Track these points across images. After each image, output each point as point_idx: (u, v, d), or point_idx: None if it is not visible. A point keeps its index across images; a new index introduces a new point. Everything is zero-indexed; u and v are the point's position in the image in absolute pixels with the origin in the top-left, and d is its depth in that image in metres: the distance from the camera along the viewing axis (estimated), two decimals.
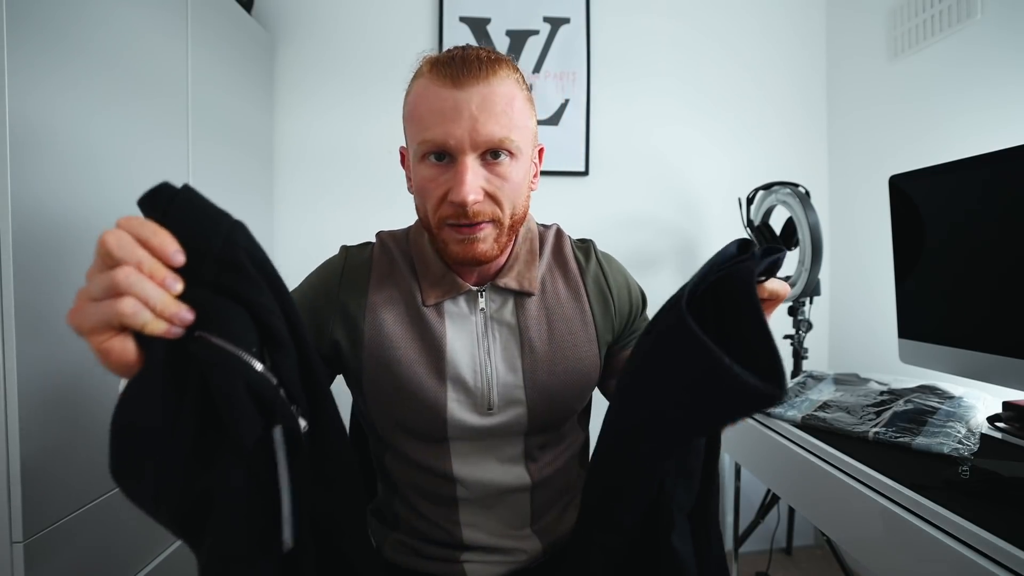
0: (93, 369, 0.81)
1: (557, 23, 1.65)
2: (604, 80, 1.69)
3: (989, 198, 0.86)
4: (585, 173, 1.69)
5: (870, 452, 0.79)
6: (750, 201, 1.48)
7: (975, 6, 1.23)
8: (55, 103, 0.77)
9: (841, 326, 1.75)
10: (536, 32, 1.65)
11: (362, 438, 0.82)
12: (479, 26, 1.63)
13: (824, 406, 0.98)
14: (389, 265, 0.69)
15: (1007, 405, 0.87)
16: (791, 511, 1.71)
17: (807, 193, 1.34)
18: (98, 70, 0.85)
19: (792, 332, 1.42)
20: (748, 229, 1.48)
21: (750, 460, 1.10)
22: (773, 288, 0.54)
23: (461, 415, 0.65)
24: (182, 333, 0.37)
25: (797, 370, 1.43)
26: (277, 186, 1.60)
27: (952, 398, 0.95)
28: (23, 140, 0.71)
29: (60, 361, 0.77)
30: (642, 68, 1.71)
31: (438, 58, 0.60)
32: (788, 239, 1.38)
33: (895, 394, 1.00)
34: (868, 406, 0.95)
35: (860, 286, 1.65)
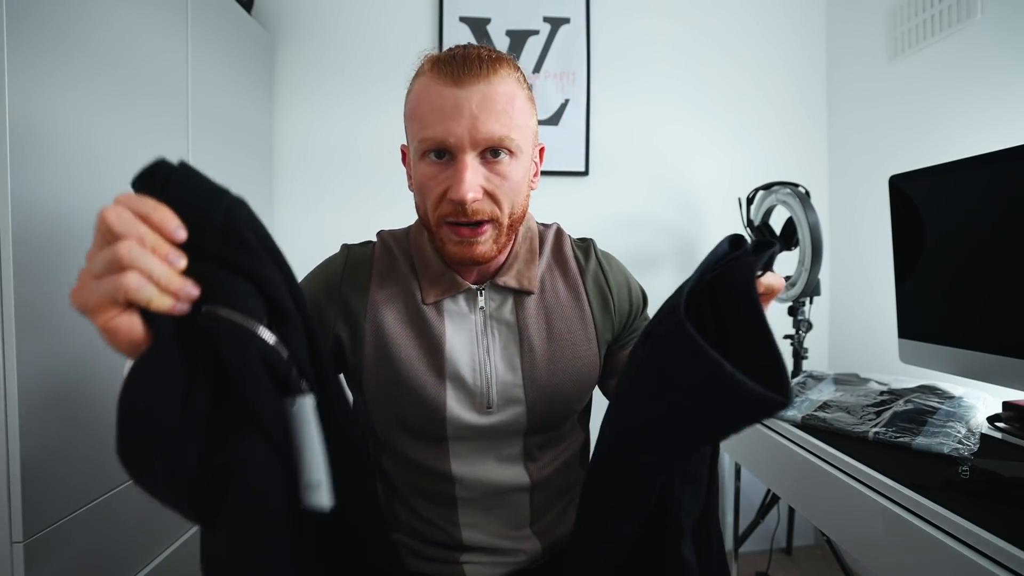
0: (93, 368, 0.82)
1: (557, 23, 1.65)
2: (604, 80, 1.69)
3: (989, 198, 0.86)
4: (585, 173, 1.69)
5: (870, 452, 0.79)
6: (750, 201, 1.48)
7: (975, 6, 1.23)
8: (55, 103, 0.77)
9: (841, 326, 1.74)
10: (536, 32, 1.65)
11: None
12: (479, 26, 1.63)
13: (824, 406, 0.98)
14: (390, 263, 0.69)
15: (1007, 405, 0.87)
16: (791, 511, 1.71)
17: (807, 193, 1.34)
18: (98, 70, 0.85)
19: (792, 332, 1.42)
20: (748, 229, 1.49)
21: (750, 460, 1.10)
22: (768, 283, 0.54)
23: (460, 413, 0.65)
24: (188, 309, 0.36)
25: (797, 370, 1.43)
26: (277, 186, 1.60)
27: (952, 398, 0.95)
28: (23, 140, 0.71)
29: (60, 360, 0.77)
30: (642, 68, 1.71)
31: (440, 56, 0.61)
32: (788, 239, 1.38)
33: (895, 394, 1.00)
34: (868, 406, 0.95)
35: (860, 286, 1.65)
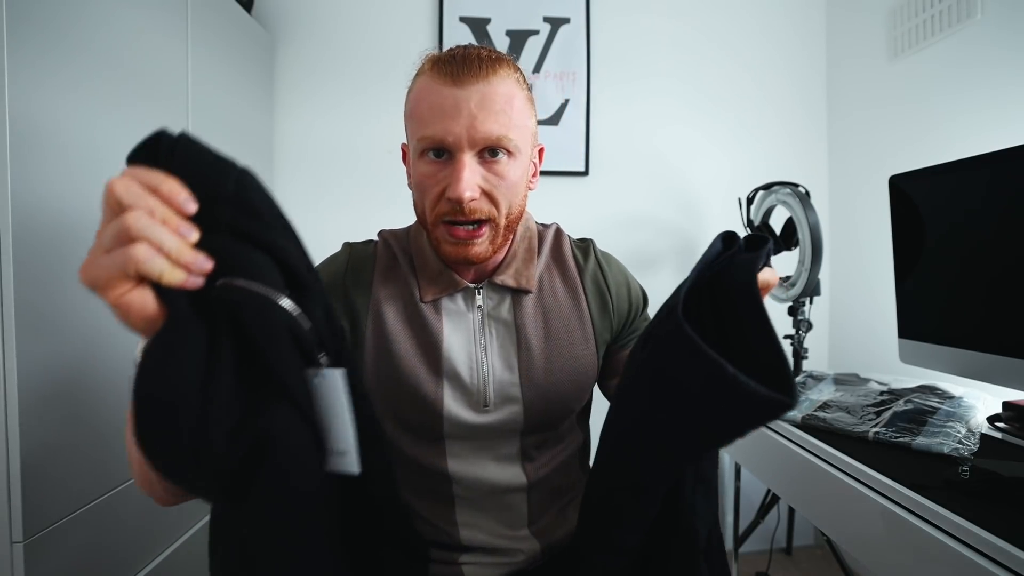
0: (94, 367, 0.82)
1: (557, 23, 1.65)
2: (604, 80, 1.69)
3: (989, 198, 0.86)
4: (585, 173, 1.69)
5: (870, 452, 0.79)
6: (750, 201, 1.48)
7: (975, 6, 1.23)
8: (55, 103, 0.77)
9: (841, 326, 1.74)
10: (536, 32, 1.65)
11: None
12: (479, 26, 1.63)
13: (824, 406, 0.98)
14: (391, 262, 0.70)
15: (1007, 405, 0.87)
16: (791, 511, 1.71)
17: (807, 193, 1.34)
18: (98, 70, 0.85)
19: (792, 332, 1.42)
20: (748, 229, 1.48)
21: (750, 460, 1.10)
22: (764, 279, 0.54)
23: (457, 411, 0.65)
24: (202, 284, 0.35)
25: (797, 370, 1.43)
26: (277, 186, 1.60)
27: (952, 398, 0.95)
28: (23, 139, 0.71)
29: (60, 360, 0.77)
30: (642, 68, 1.71)
31: (440, 56, 0.61)
32: (788, 239, 1.38)
33: (895, 394, 1.00)
34: (868, 406, 0.95)
35: (860, 286, 1.65)
